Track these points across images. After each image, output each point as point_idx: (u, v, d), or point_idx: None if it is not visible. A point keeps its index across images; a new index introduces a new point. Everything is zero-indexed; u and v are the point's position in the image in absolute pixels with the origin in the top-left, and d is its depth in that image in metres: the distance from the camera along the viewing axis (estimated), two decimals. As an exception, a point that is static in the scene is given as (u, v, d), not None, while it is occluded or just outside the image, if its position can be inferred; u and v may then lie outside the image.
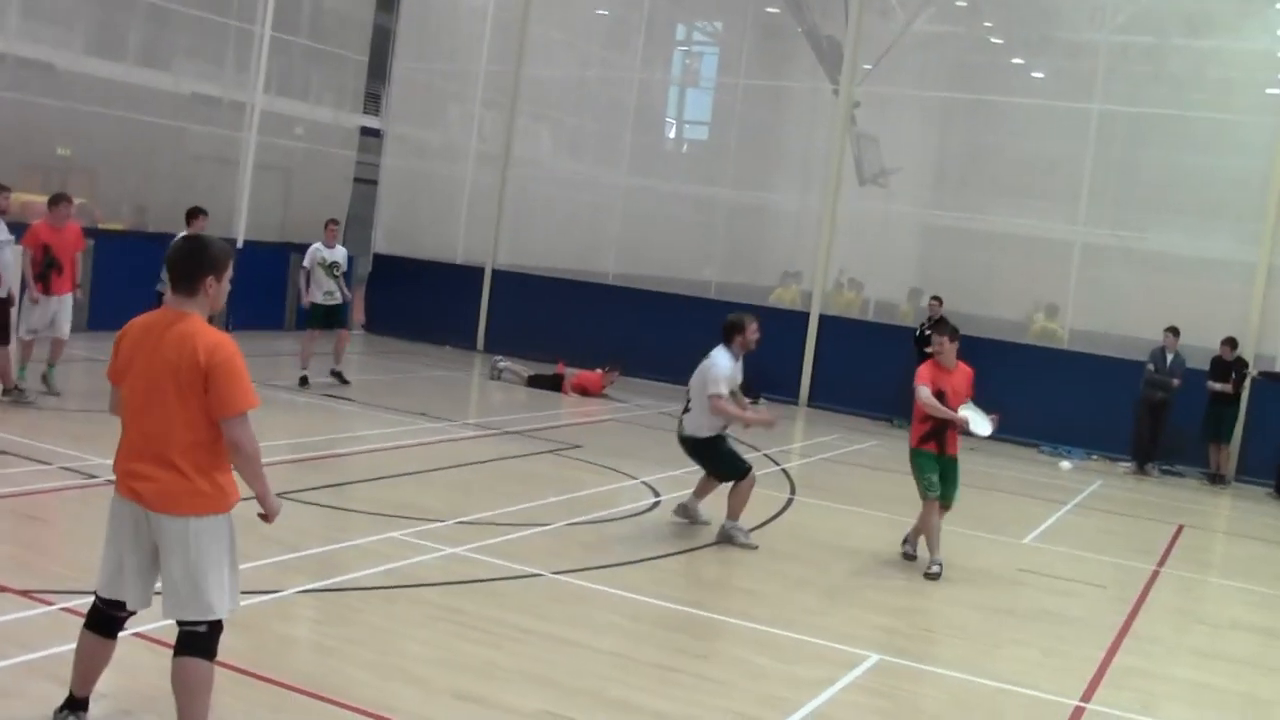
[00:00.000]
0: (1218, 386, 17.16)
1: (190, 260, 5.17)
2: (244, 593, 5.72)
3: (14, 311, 13.20)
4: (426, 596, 8.00)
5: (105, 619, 5.30)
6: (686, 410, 10.67)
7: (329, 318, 17.02)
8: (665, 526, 10.88)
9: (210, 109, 22.34)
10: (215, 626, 5.14)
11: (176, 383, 5.00)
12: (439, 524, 9.87)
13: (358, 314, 17.45)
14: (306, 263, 17.10)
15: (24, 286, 13.45)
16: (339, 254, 17.15)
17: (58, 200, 13.45)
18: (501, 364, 19.84)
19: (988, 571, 10.71)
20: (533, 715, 6.21)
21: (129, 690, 5.69)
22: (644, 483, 12.63)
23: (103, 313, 17.34)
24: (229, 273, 5.25)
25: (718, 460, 10.68)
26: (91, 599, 5.35)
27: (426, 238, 24.30)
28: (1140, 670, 8.29)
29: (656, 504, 11.72)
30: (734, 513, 10.46)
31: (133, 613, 5.33)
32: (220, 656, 5.25)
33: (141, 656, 6.11)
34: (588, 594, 8.46)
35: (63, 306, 13.55)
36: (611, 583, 8.76)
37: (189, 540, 5.03)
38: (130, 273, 16.25)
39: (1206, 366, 17.28)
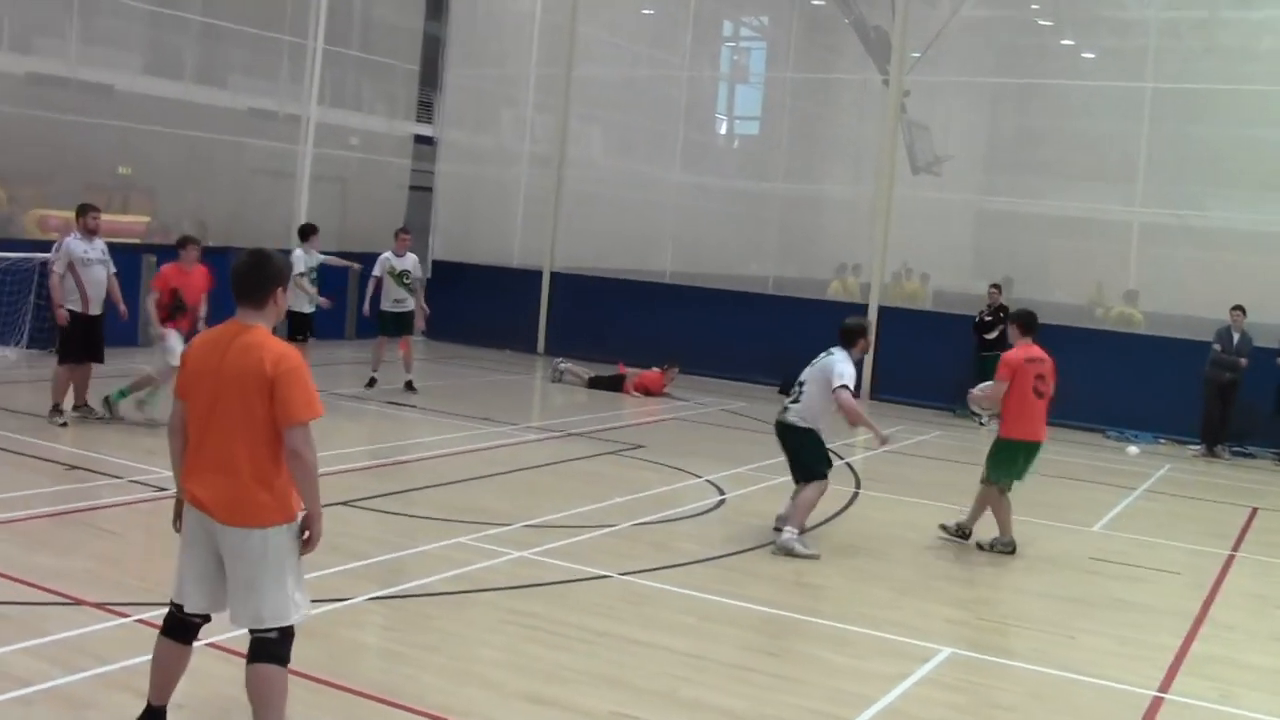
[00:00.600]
0: (1292, 362, 16.81)
1: (259, 273, 5.27)
2: (314, 601, 5.77)
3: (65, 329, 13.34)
4: (495, 600, 8.04)
5: (180, 626, 5.38)
6: (796, 400, 10.37)
7: (398, 325, 17.26)
8: (732, 524, 10.86)
9: (266, 123, 22.60)
10: (286, 633, 5.20)
11: (243, 392, 5.07)
12: (506, 528, 9.91)
13: (419, 321, 17.60)
14: (377, 271, 17.30)
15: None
16: (409, 262, 17.34)
17: (185, 243, 13.61)
18: (562, 366, 19.89)
19: (1058, 560, 10.60)
20: (605, 717, 6.21)
21: (203, 700, 5.76)
22: (709, 481, 12.61)
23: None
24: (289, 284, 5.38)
25: (809, 452, 10.32)
26: (166, 608, 5.41)
27: (483, 242, 24.44)
28: (1219, 658, 8.16)
29: (722, 502, 11.70)
30: (798, 521, 10.13)
31: (207, 620, 5.41)
32: (292, 665, 5.29)
33: (215, 666, 6.18)
34: (657, 594, 8.46)
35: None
36: (680, 582, 8.76)
37: (254, 550, 5.09)
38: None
39: (1272, 344, 16.97)
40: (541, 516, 10.43)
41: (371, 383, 17.03)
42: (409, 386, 17.07)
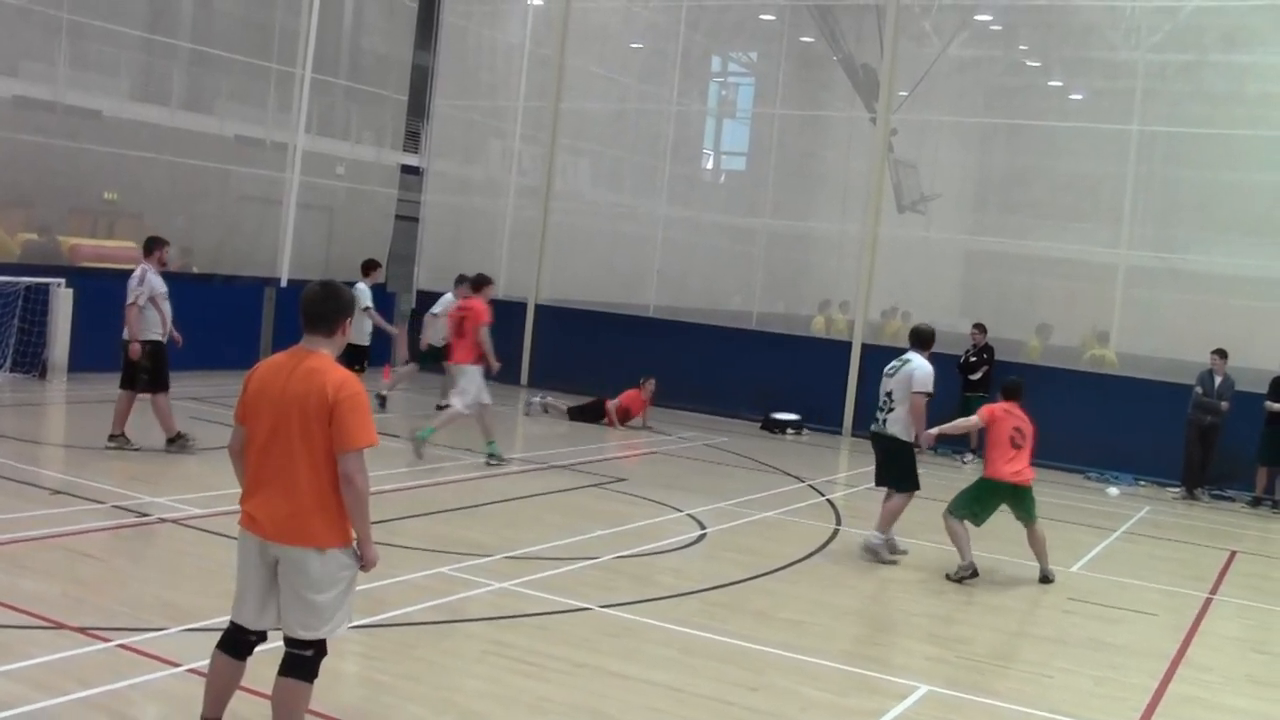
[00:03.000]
0: (1277, 407, 16.87)
1: (333, 303, 5.47)
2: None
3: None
4: (477, 631, 8.05)
5: (236, 641, 5.53)
6: (890, 410, 11.26)
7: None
8: (713, 559, 10.89)
9: (254, 150, 22.65)
10: (320, 650, 5.41)
11: (303, 416, 5.24)
12: (487, 559, 9.93)
13: (401, 350, 17.73)
14: (439, 310, 18.22)
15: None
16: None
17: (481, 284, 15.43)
18: (538, 400, 19.95)
19: (1036, 600, 10.65)
20: (585, 750, 6.23)
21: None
22: (690, 515, 12.63)
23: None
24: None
25: (906, 466, 11.42)
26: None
27: (468, 273, 24.42)
28: (1196, 699, 8.20)
29: (703, 536, 11.73)
30: (883, 526, 11.28)
31: (262, 637, 5.56)
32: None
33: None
34: (637, 627, 8.47)
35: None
36: (661, 616, 8.78)
37: (310, 570, 5.28)
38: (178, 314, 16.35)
39: (1256, 388, 17.05)
40: (523, 548, 10.44)
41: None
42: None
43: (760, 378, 20.69)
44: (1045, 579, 11.10)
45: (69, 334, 17.76)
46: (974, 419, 11.14)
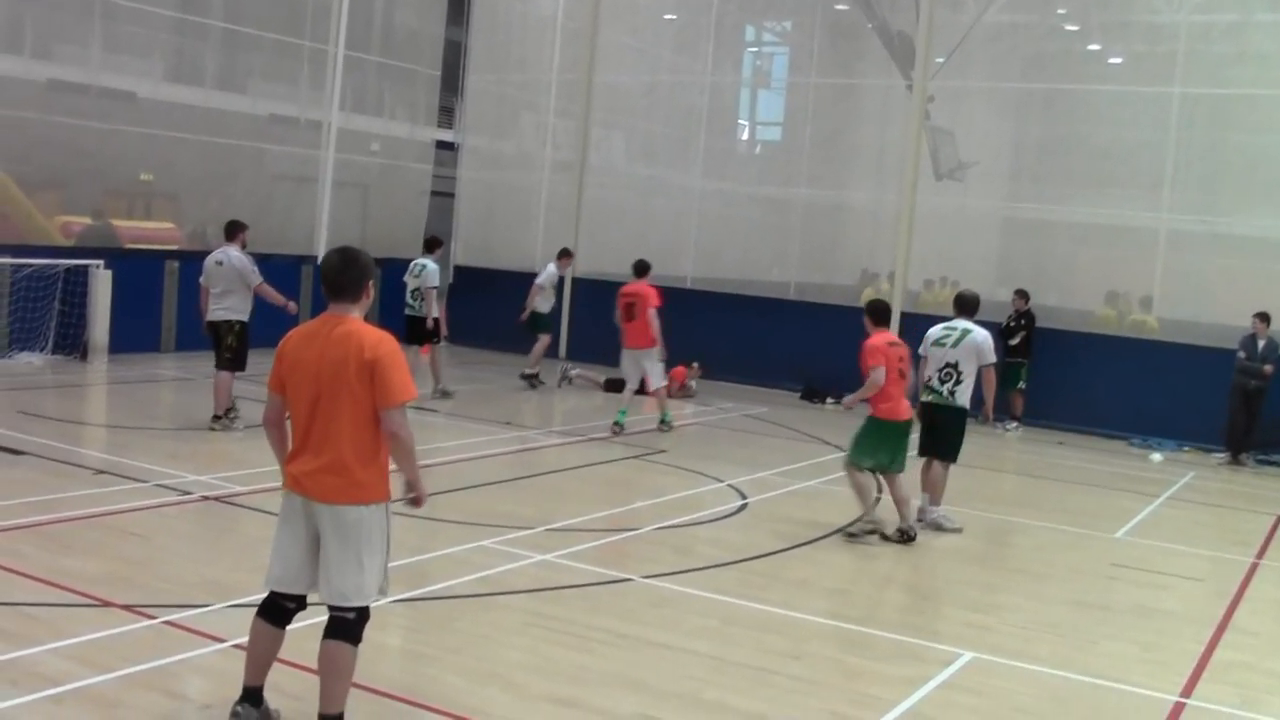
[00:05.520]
0: (1318, 370, 16.70)
1: (353, 270, 5.52)
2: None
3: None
4: (518, 603, 8.06)
5: (275, 609, 5.61)
6: (959, 381, 11.12)
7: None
8: (753, 529, 10.85)
9: (287, 129, 22.69)
10: (363, 614, 5.49)
11: (343, 378, 5.34)
12: (528, 531, 9.95)
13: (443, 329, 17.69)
14: (543, 281, 19.20)
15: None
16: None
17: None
18: (572, 372, 19.95)
19: (1080, 567, 10.57)
20: (628, 718, 6.23)
21: (228, 700, 5.75)
22: (730, 485, 12.61)
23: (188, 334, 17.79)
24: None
25: (960, 436, 11.39)
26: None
27: (504, 248, 24.49)
28: (1241, 664, 8.12)
29: (744, 506, 11.70)
30: (938, 497, 11.32)
31: (302, 605, 5.65)
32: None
33: (238, 666, 6.18)
34: (679, 597, 8.47)
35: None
36: (702, 586, 8.77)
37: (349, 525, 5.38)
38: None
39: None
40: (563, 520, 10.45)
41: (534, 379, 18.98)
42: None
43: (799, 348, 20.58)
44: (907, 536, 10.64)
45: (109, 315, 17.88)
46: (877, 376, 10.54)
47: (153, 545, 8.96)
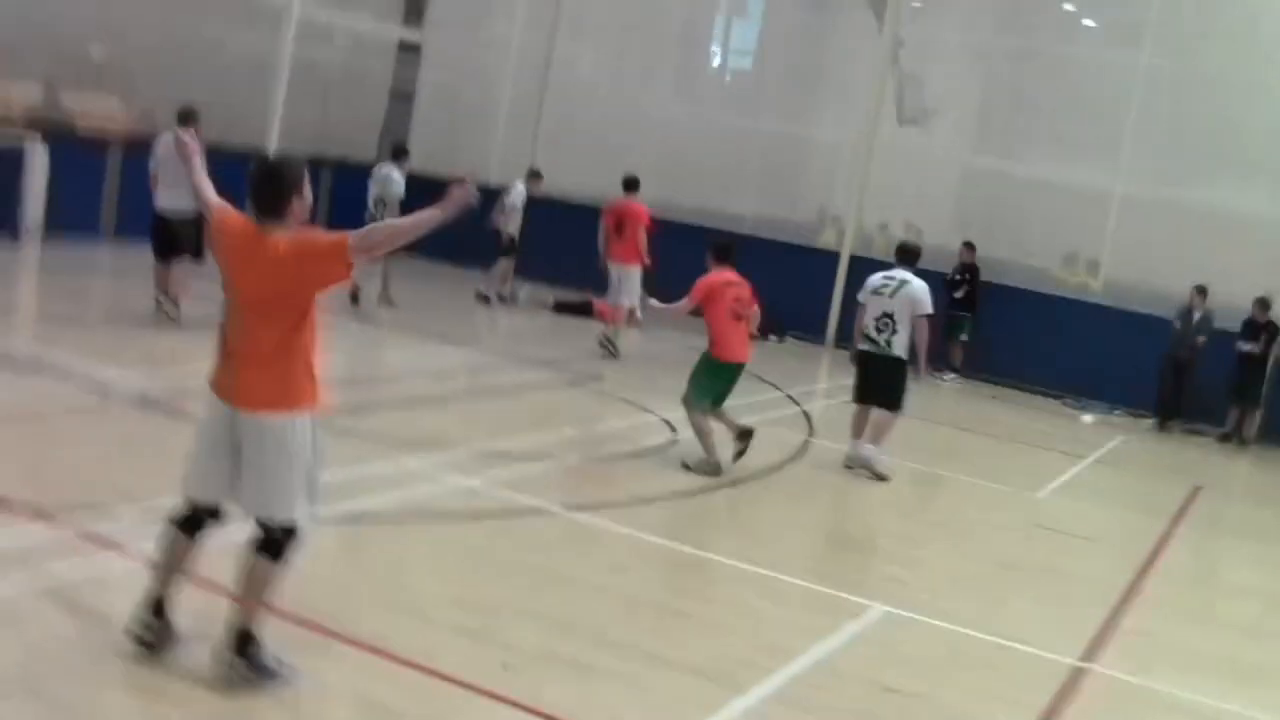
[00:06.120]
0: (1247, 347, 16.96)
1: (272, 185, 5.28)
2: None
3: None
4: (436, 530, 8.05)
5: (189, 519, 5.48)
6: (895, 332, 11.12)
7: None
8: (680, 465, 10.84)
9: (248, 14, 22.14)
10: (289, 533, 5.34)
11: (268, 286, 5.20)
12: (453, 453, 9.90)
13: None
14: (517, 201, 18.90)
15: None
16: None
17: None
18: (521, 291, 19.82)
19: (1001, 524, 10.74)
20: (531, 652, 6.25)
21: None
22: (663, 419, 12.60)
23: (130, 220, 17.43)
24: (306, 186, 5.36)
25: (903, 386, 11.34)
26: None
27: (462, 157, 24.14)
28: (1143, 631, 8.29)
29: (674, 442, 11.70)
30: (883, 443, 11.22)
31: (215, 515, 5.49)
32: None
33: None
34: (597, 531, 8.50)
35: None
36: (622, 521, 8.78)
37: (273, 436, 5.24)
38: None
39: (1238, 325, 17.09)
40: (490, 444, 10.41)
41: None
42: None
43: (749, 281, 20.52)
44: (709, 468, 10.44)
45: (44, 195, 17.36)
46: (685, 301, 10.79)
47: (69, 448, 8.74)
